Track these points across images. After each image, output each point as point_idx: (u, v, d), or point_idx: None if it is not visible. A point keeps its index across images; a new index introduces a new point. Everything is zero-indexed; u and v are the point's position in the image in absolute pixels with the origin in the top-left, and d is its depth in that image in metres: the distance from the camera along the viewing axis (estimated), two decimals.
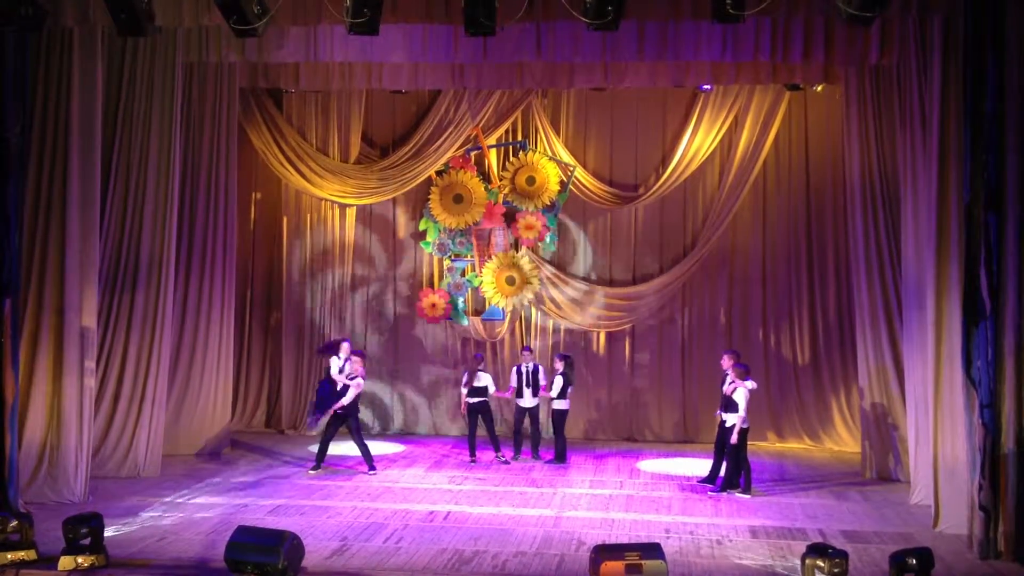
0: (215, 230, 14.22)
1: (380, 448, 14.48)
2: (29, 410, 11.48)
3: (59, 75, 11.63)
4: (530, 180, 15.64)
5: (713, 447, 12.77)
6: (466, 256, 15.97)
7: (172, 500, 11.69)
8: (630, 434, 15.74)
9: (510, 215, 15.81)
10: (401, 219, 16.19)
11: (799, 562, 8.85)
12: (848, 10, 9.35)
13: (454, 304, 15.89)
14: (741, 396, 12.04)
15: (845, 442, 14.98)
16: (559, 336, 15.95)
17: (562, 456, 13.85)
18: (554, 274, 15.76)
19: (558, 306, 15.78)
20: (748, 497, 12.05)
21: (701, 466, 13.24)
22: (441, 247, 15.95)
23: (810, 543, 9.08)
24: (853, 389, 14.57)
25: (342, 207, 16.01)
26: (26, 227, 11.38)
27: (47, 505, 11.17)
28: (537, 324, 15.98)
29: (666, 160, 15.51)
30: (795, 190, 15.41)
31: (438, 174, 15.74)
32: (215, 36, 12.78)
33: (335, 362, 13.34)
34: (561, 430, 13.92)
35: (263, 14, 10.04)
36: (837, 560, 8.42)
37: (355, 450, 13.28)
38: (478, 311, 15.99)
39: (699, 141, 15.22)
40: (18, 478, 10.85)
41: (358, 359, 13.26)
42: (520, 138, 15.83)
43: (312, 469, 13.20)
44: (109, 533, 9.81)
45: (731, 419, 12.10)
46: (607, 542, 9.73)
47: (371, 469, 13.14)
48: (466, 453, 14.05)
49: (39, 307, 11.55)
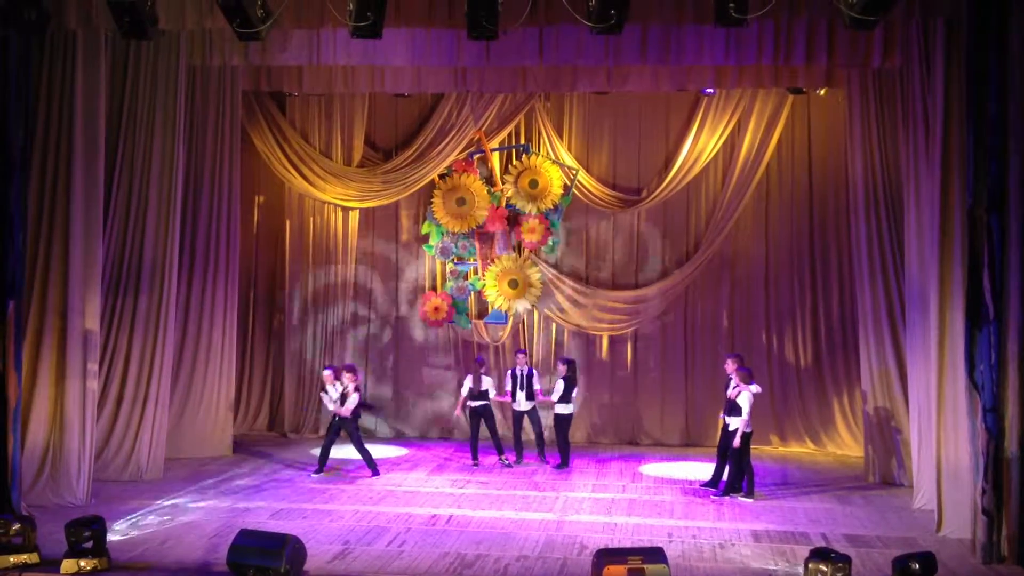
0: (218, 233, 14.22)
1: (382, 451, 14.47)
2: (32, 413, 11.48)
3: (62, 78, 11.63)
4: (533, 183, 15.64)
5: (716, 451, 12.78)
6: (469, 259, 15.97)
7: (174, 503, 11.69)
8: (633, 438, 15.73)
9: (513, 218, 15.81)
10: (404, 222, 16.19)
11: (802, 566, 8.82)
12: (851, 13, 9.33)
13: (457, 307, 15.88)
14: (745, 400, 12.02)
15: (848, 446, 14.95)
16: (562, 340, 15.94)
17: (565, 461, 13.83)
18: (557, 277, 15.75)
19: (561, 309, 15.77)
20: (751, 501, 12.04)
21: (704, 470, 13.21)
22: (444, 250, 15.94)
23: (813, 547, 9.06)
24: (856, 393, 14.54)
25: (345, 210, 16.01)
26: (29, 229, 11.37)
27: (49, 508, 11.16)
28: (539, 327, 15.98)
29: (669, 164, 15.50)
30: (798, 193, 15.40)
31: (441, 177, 15.75)
32: (218, 39, 12.81)
33: (329, 394, 13.18)
34: (565, 435, 13.90)
35: (266, 17, 10.04)
36: (840, 564, 8.40)
37: (358, 453, 13.27)
38: (481, 314, 15.99)
39: (702, 145, 15.21)
40: (21, 481, 10.84)
41: (350, 375, 13.20)
42: (523, 141, 15.84)
43: (315, 473, 13.20)
44: (111, 536, 9.79)
45: (734, 423, 12.09)
46: (609, 546, 9.73)
47: (374, 473, 13.14)
48: (468, 457, 14.04)
49: (42, 309, 11.55)
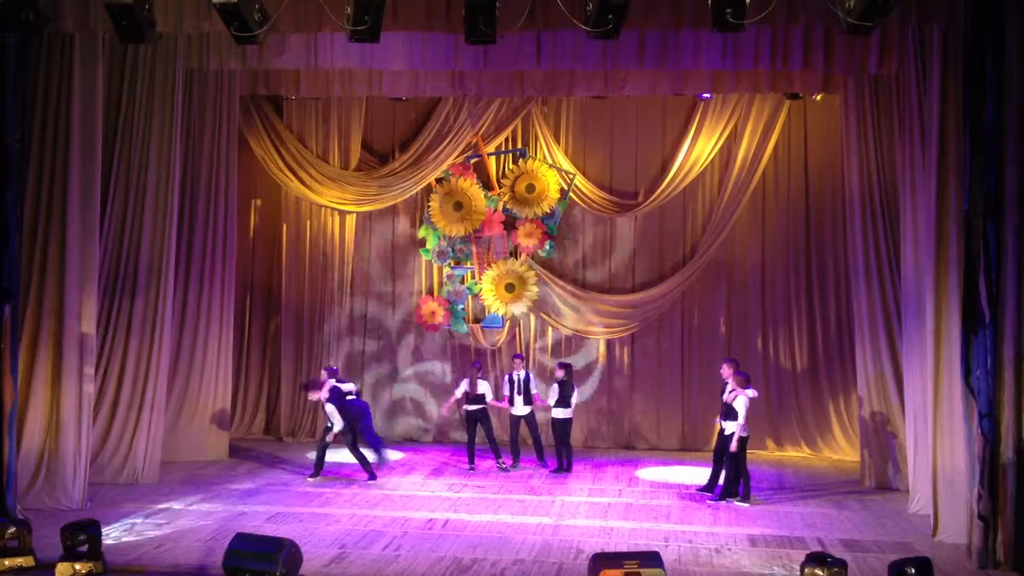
0: (215, 236, 14.21)
1: None
2: (28, 416, 11.46)
3: (60, 81, 11.62)
4: (530, 188, 15.65)
5: (712, 455, 12.78)
6: (466, 263, 15.97)
7: (170, 507, 11.68)
8: (629, 442, 15.73)
9: (510, 222, 15.82)
10: (401, 226, 16.19)
11: (798, 571, 8.81)
12: (848, 19, 9.35)
13: (453, 311, 15.88)
14: (741, 404, 12.03)
15: (844, 451, 14.95)
16: (558, 344, 15.95)
17: (565, 466, 13.78)
18: (554, 282, 15.75)
19: (557, 314, 15.78)
20: (747, 505, 12.04)
21: (700, 474, 13.21)
22: (441, 254, 15.94)
23: (809, 552, 9.06)
24: (852, 398, 14.56)
25: (342, 214, 16.01)
26: (26, 232, 11.37)
27: (45, 511, 11.15)
28: (536, 332, 15.99)
29: (666, 168, 15.51)
30: (794, 198, 15.41)
31: (438, 181, 15.75)
32: (216, 43, 12.81)
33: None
34: (564, 439, 13.87)
35: (264, 21, 10.05)
36: (836, 569, 8.40)
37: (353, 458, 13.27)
38: (477, 318, 15.99)
39: (699, 149, 15.23)
40: (16, 484, 10.84)
41: (325, 374, 13.31)
42: (520, 146, 15.85)
43: (311, 476, 13.19)
44: (107, 540, 9.80)
45: (731, 427, 12.09)
46: (606, 550, 9.74)
47: (370, 477, 13.13)
48: (465, 460, 14.04)
49: (38, 313, 11.54)
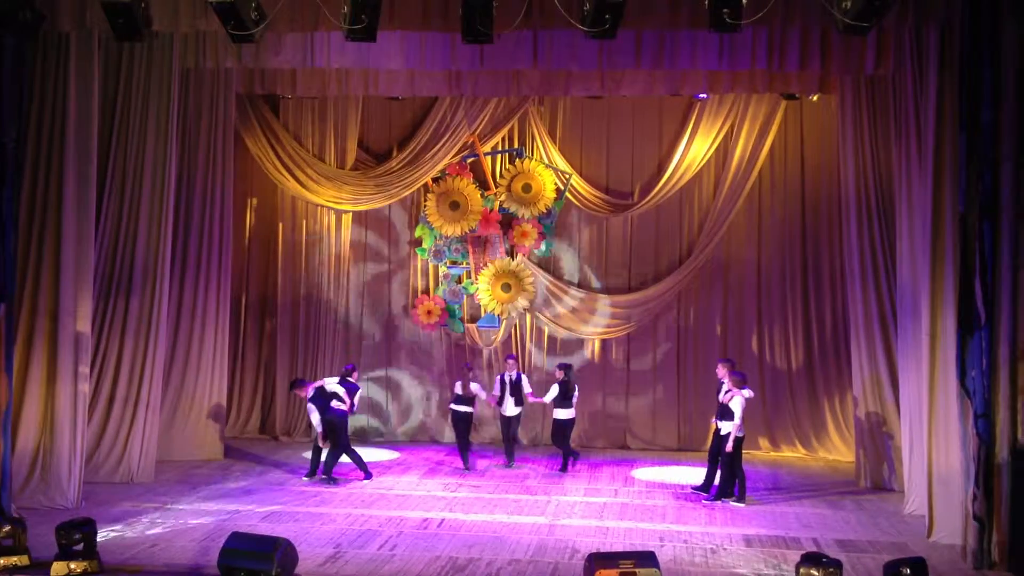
0: (211, 235, 14.18)
1: (374, 455, 14.47)
2: (22, 415, 11.45)
3: (55, 80, 11.61)
4: (526, 187, 15.65)
5: (708, 455, 12.78)
6: (462, 263, 15.96)
7: (165, 506, 11.66)
8: (625, 442, 15.73)
9: (506, 222, 15.81)
10: (397, 226, 16.18)
11: (793, 571, 8.82)
12: (845, 19, 9.37)
13: (450, 311, 15.87)
14: (737, 404, 12.03)
15: (839, 451, 14.96)
16: (554, 344, 15.94)
17: (565, 465, 13.81)
18: (550, 281, 15.75)
19: (554, 314, 15.77)
20: (742, 506, 12.05)
21: (696, 474, 13.22)
22: (437, 254, 15.94)
23: (804, 552, 9.08)
24: (848, 398, 14.57)
25: (338, 213, 16.00)
26: (21, 231, 11.33)
27: (40, 510, 11.12)
28: (532, 331, 15.98)
29: (662, 168, 15.51)
30: (790, 199, 15.42)
31: (434, 181, 15.74)
32: (212, 42, 12.78)
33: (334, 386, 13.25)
34: (564, 439, 13.85)
35: (260, 20, 10.04)
36: (831, 569, 8.41)
37: (348, 457, 13.25)
38: (474, 318, 15.99)
39: (695, 150, 15.23)
40: (11, 483, 10.83)
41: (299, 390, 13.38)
42: (516, 145, 15.85)
43: (306, 476, 13.18)
44: (102, 539, 9.77)
45: (727, 427, 12.10)
46: (601, 550, 9.73)
47: (366, 476, 13.12)
48: (460, 460, 14.03)
49: (33, 312, 11.53)
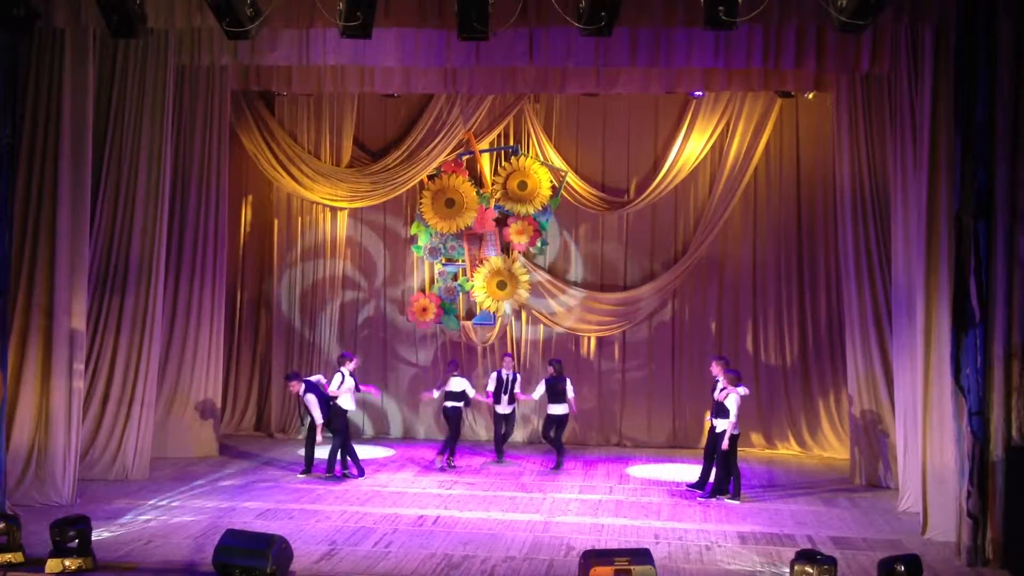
0: (206, 232, 14.16)
1: (370, 452, 14.48)
2: (17, 412, 11.43)
3: (50, 76, 11.59)
4: (522, 185, 15.64)
5: (703, 453, 12.80)
6: (457, 260, 15.95)
7: (160, 503, 11.65)
8: (620, 439, 15.74)
9: (502, 220, 15.81)
10: (393, 223, 16.17)
11: (788, 568, 8.85)
12: (840, 18, 9.36)
13: (445, 308, 15.87)
14: (732, 402, 12.05)
15: (834, 449, 14.98)
16: (550, 341, 15.95)
17: (560, 463, 13.85)
18: (545, 279, 15.75)
19: (549, 311, 15.77)
20: (737, 503, 12.06)
21: (691, 472, 13.23)
22: (432, 251, 15.93)
23: (799, 549, 9.09)
24: (842, 396, 14.58)
25: (334, 211, 15.98)
26: (16, 228, 11.32)
27: (34, 507, 11.11)
28: (528, 329, 15.98)
29: (657, 166, 15.52)
30: (786, 197, 15.43)
31: (430, 178, 15.73)
32: (207, 38, 12.76)
33: (340, 378, 13.20)
34: (558, 434, 13.87)
35: (256, 16, 10.02)
36: (826, 567, 8.42)
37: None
38: (469, 316, 15.98)
39: (690, 147, 15.24)
40: (6, 480, 10.82)
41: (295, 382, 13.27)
42: (512, 143, 15.84)
43: (301, 473, 13.17)
44: (97, 536, 9.75)
45: (722, 425, 12.12)
46: (596, 547, 9.74)
47: (360, 473, 13.12)
48: (455, 457, 14.02)
49: (28, 308, 11.51)
